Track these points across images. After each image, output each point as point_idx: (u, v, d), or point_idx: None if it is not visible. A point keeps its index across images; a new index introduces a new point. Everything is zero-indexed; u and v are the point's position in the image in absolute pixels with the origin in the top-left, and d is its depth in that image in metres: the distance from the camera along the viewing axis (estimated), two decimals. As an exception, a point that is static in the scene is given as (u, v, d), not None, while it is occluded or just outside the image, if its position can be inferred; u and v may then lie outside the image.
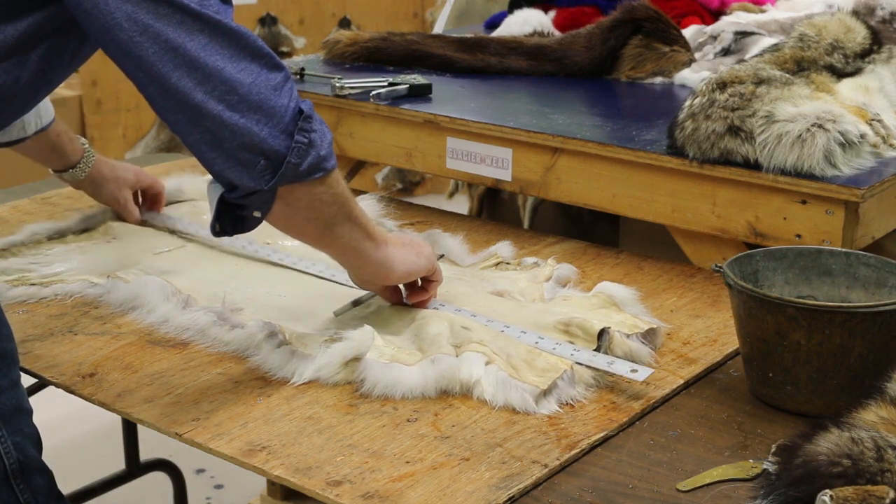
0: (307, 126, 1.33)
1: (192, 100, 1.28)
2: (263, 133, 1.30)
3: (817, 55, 1.92)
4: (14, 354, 1.43)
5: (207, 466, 3.03)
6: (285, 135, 1.32)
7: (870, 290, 1.47)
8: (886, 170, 1.73)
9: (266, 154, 1.31)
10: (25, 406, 1.44)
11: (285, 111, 1.31)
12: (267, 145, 1.31)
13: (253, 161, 1.31)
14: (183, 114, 1.30)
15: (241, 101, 1.29)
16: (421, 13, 5.17)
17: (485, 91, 2.27)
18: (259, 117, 1.30)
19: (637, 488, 1.25)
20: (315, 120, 1.34)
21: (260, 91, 1.30)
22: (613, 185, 1.89)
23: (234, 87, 1.29)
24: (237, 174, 1.33)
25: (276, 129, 1.31)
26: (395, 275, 1.54)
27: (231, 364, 1.52)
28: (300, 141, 1.32)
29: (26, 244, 1.90)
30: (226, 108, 1.28)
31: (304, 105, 1.34)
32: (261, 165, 1.32)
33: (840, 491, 1.09)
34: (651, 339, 1.54)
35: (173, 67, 1.27)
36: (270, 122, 1.30)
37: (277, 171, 1.32)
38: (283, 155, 1.32)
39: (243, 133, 1.29)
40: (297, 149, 1.32)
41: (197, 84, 1.27)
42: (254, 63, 1.30)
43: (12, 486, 1.40)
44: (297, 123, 1.32)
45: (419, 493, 1.23)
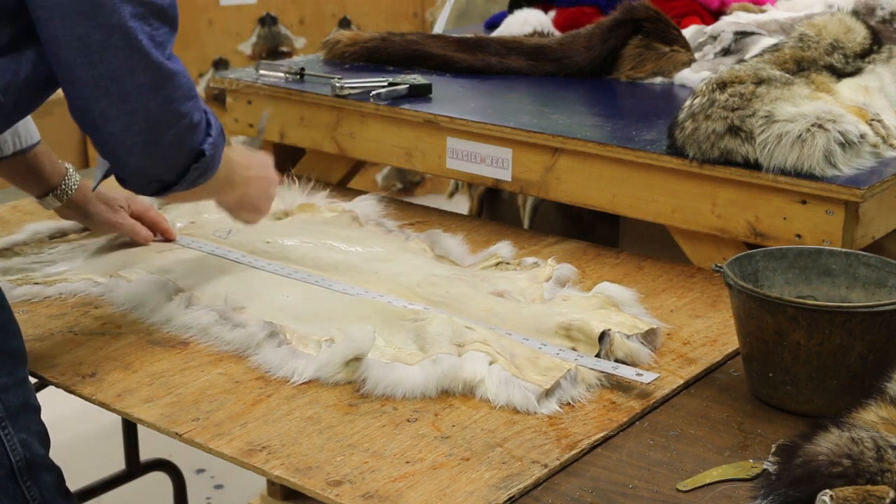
0: (202, 165, 1.45)
1: (109, 131, 1.37)
2: (166, 167, 1.43)
3: (817, 55, 1.92)
4: (22, 352, 1.43)
5: (207, 466, 3.03)
6: (184, 170, 1.44)
7: (870, 290, 1.47)
8: (886, 170, 1.72)
9: (161, 181, 1.45)
10: (33, 403, 1.44)
11: (192, 153, 1.43)
12: (165, 176, 1.44)
13: (148, 182, 1.45)
14: (94, 136, 1.41)
15: (155, 142, 1.39)
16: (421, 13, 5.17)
17: (485, 91, 2.27)
18: (167, 156, 1.41)
19: (637, 488, 1.25)
20: (217, 148, 1.46)
21: (177, 134, 1.40)
22: (613, 185, 1.89)
23: (153, 125, 1.37)
24: (131, 185, 1.46)
25: (177, 167, 1.43)
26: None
27: (231, 364, 1.52)
28: (193, 176, 1.46)
29: (28, 243, 1.90)
30: (138, 141, 1.37)
31: (207, 144, 1.44)
32: (153, 187, 1.46)
33: (840, 491, 1.09)
34: (651, 339, 1.54)
35: (104, 95, 1.34)
36: (176, 165, 1.43)
37: (166, 191, 1.46)
38: (173, 184, 1.45)
39: (146, 167, 1.42)
40: (190, 178, 1.46)
41: (120, 115, 1.35)
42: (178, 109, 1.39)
43: (19, 484, 1.40)
44: (195, 162, 1.44)
45: (419, 493, 1.23)
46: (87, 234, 1.94)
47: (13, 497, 1.40)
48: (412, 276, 1.72)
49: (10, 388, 1.39)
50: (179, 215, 2.00)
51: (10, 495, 1.39)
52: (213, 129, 1.46)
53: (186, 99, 1.39)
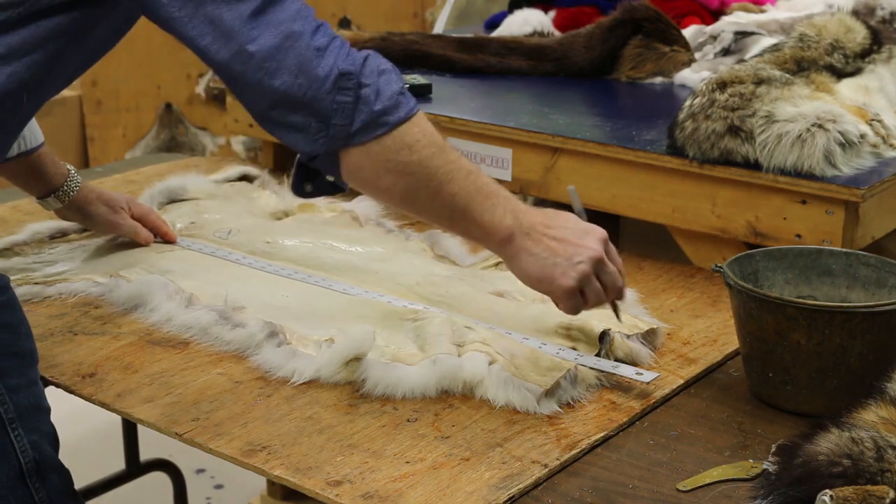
0: (348, 84, 1.30)
1: (233, 72, 1.30)
2: (307, 97, 1.29)
3: (817, 55, 1.92)
4: (33, 353, 1.43)
5: (207, 466, 3.03)
6: (329, 96, 1.29)
7: (870, 290, 1.47)
8: (886, 170, 1.73)
9: (315, 116, 1.30)
10: (44, 404, 1.43)
11: (328, 73, 1.29)
12: (312, 108, 1.30)
13: (305, 124, 1.31)
14: (232, 83, 1.33)
15: (280, 69, 1.29)
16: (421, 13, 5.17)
17: (485, 91, 2.27)
18: (300, 81, 1.29)
19: (637, 488, 1.25)
20: (364, 74, 1.30)
21: (300, 54, 1.29)
22: (613, 185, 1.89)
23: (273, 55, 1.28)
24: (292, 138, 1.33)
25: (319, 92, 1.29)
26: (522, 280, 1.41)
27: (231, 364, 1.52)
28: (343, 101, 1.30)
29: (28, 243, 1.90)
30: (265, 77, 1.29)
31: (346, 63, 1.30)
32: (312, 128, 1.31)
33: (840, 491, 1.09)
34: (651, 339, 1.54)
35: (212, 40, 1.28)
36: (313, 86, 1.29)
37: (328, 133, 1.31)
38: (328, 117, 1.30)
39: (287, 98, 1.29)
40: (342, 109, 1.30)
41: (233, 55, 1.28)
42: (295, 26, 1.29)
43: (28, 485, 1.40)
44: (337, 83, 1.29)
45: (419, 493, 1.23)
46: (87, 235, 1.94)
47: (22, 499, 1.39)
48: (412, 276, 1.72)
49: (21, 389, 1.39)
50: (179, 216, 2.00)
51: (19, 497, 1.39)
52: (359, 55, 1.32)
53: (296, 18, 1.29)
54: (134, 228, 1.84)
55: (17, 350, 1.40)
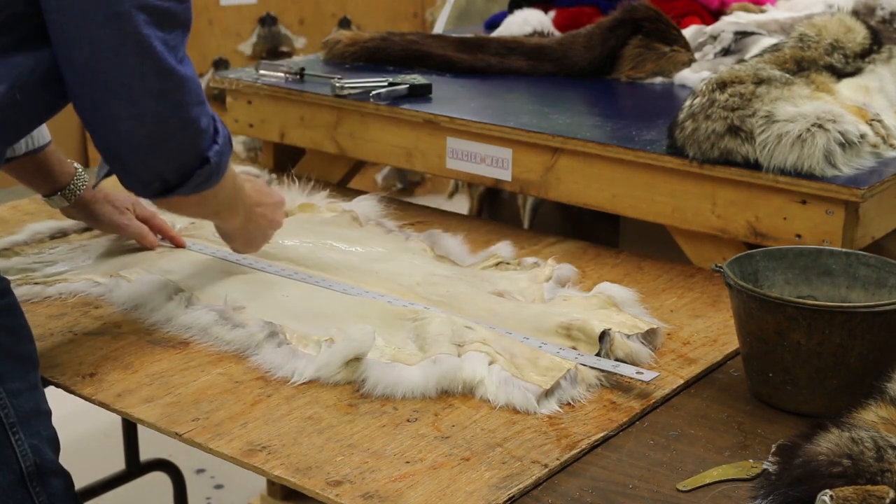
0: (206, 171, 1.43)
1: (115, 130, 1.37)
2: (170, 169, 1.41)
3: (817, 55, 1.92)
4: (34, 357, 1.43)
5: (207, 466, 3.03)
6: (189, 173, 1.42)
7: (870, 290, 1.47)
8: (886, 170, 1.72)
9: (163, 181, 1.42)
10: (44, 408, 1.43)
11: (198, 159, 1.42)
12: (168, 177, 1.42)
13: (150, 182, 1.42)
14: (98, 135, 1.40)
15: (161, 144, 1.38)
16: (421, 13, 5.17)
17: (485, 91, 2.27)
18: (172, 158, 1.40)
19: (637, 488, 1.25)
20: (223, 157, 1.45)
21: (184, 137, 1.39)
22: (613, 185, 1.89)
23: (161, 128, 1.37)
24: (132, 184, 1.45)
25: (182, 169, 1.42)
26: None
27: (231, 364, 1.52)
28: (196, 182, 1.44)
29: (29, 243, 1.90)
30: (144, 142, 1.37)
31: (213, 152, 1.43)
32: (156, 187, 1.43)
33: (840, 491, 1.09)
34: (651, 339, 1.54)
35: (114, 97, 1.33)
36: (181, 167, 1.41)
37: (167, 193, 1.44)
38: (175, 186, 1.43)
39: (150, 167, 1.40)
40: (194, 182, 1.43)
41: (128, 117, 1.34)
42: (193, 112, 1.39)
43: (28, 489, 1.39)
44: (200, 167, 1.42)
45: (419, 493, 1.23)
46: (87, 235, 1.94)
47: (22, 503, 1.39)
48: (412, 276, 1.73)
49: (22, 393, 1.39)
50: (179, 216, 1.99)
51: (20, 501, 1.39)
52: (221, 136, 1.45)
53: (195, 104, 1.38)
54: (140, 231, 1.85)
55: (17, 354, 1.39)
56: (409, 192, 5.08)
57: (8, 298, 1.39)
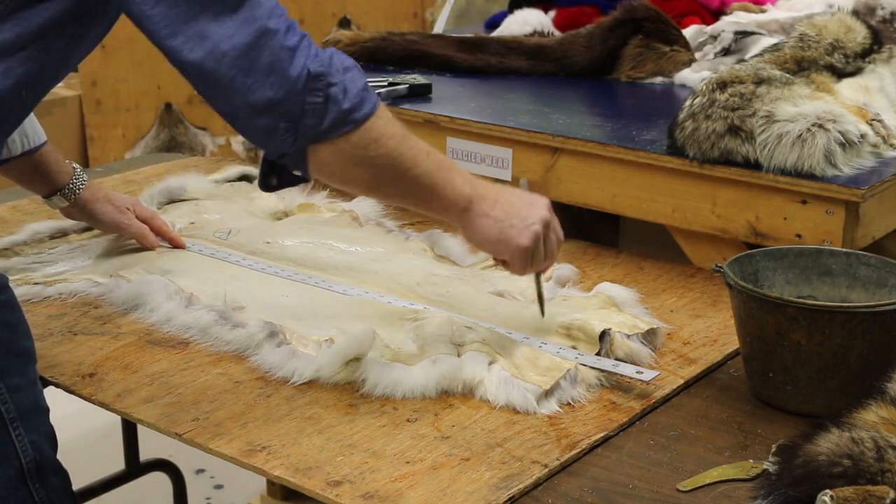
0: (318, 85, 1.30)
1: (204, 71, 1.29)
2: (278, 96, 1.29)
3: (817, 55, 1.92)
4: (32, 353, 1.43)
5: (207, 466, 3.03)
6: (300, 96, 1.30)
7: (870, 290, 1.47)
8: (887, 170, 1.73)
9: (284, 116, 1.31)
10: (42, 405, 1.43)
11: (300, 73, 1.30)
12: (283, 108, 1.30)
13: (273, 125, 1.31)
14: (201, 84, 1.31)
15: (253, 67, 1.28)
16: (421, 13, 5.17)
17: (485, 91, 2.27)
18: (272, 80, 1.29)
19: (637, 488, 1.25)
20: (332, 74, 1.31)
21: (273, 54, 1.29)
22: (613, 185, 1.89)
23: (246, 53, 1.28)
24: (260, 139, 1.34)
25: (290, 92, 1.29)
26: (478, 244, 1.47)
27: (231, 364, 1.52)
28: (313, 102, 1.31)
29: (28, 243, 1.90)
30: (238, 74, 1.28)
31: (315, 64, 1.31)
32: (281, 128, 1.31)
33: (840, 491, 1.09)
34: (651, 339, 1.54)
35: (185, 40, 1.27)
36: (285, 85, 1.29)
37: (298, 132, 1.32)
38: (299, 117, 1.31)
39: (258, 98, 1.29)
40: (312, 109, 1.31)
41: (207, 53, 1.27)
42: (270, 24, 1.29)
43: (28, 485, 1.39)
44: (308, 84, 1.30)
45: (419, 493, 1.23)
46: (87, 235, 1.94)
47: (22, 499, 1.39)
48: (412, 276, 1.72)
49: (21, 389, 1.39)
50: (179, 216, 2.00)
51: (20, 497, 1.39)
52: (327, 53, 1.33)
53: (271, 16, 1.29)
54: (141, 231, 1.83)
55: (17, 349, 1.39)
56: (409, 192, 5.07)
57: (6, 294, 1.39)
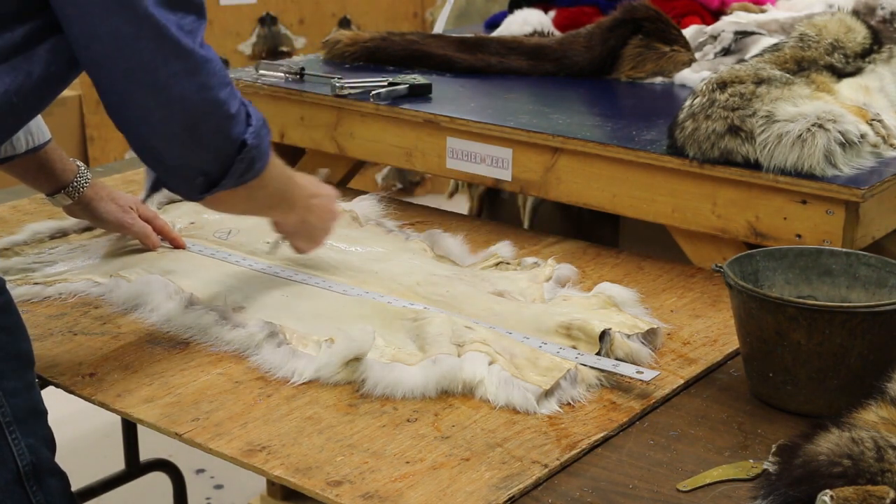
0: (246, 155, 1.41)
1: (148, 123, 1.35)
2: (209, 158, 1.39)
3: (817, 55, 1.92)
4: (30, 356, 1.42)
5: (207, 466, 3.03)
6: (229, 161, 1.40)
7: (870, 290, 1.47)
8: (887, 170, 1.72)
9: (206, 176, 1.41)
10: (41, 408, 1.43)
11: (235, 142, 1.39)
12: (208, 168, 1.40)
13: (192, 177, 1.41)
14: (134, 126, 1.37)
15: (195, 128, 1.36)
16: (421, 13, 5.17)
17: (485, 91, 2.27)
18: (209, 145, 1.38)
19: (637, 488, 1.25)
20: (261, 139, 1.42)
21: (217, 122, 1.37)
22: (613, 185, 1.89)
23: (191, 113, 1.35)
24: (177, 185, 1.45)
25: (222, 157, 1.40)
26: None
27: (231, 364, 1.52)
28: (238, 167, 1.41)
29: (28, 243, 1.90)
30: (182, 130, 1.35)
31: (250, 135, 1.40)
32: (198, 182, 1.41)
33: (840, 491, 1.09)
34: (651, 339, 1.54)
35: (139, 87, 1.32)
36: (220, 152, 1.39)
37: (213, 188, 1.42)
38: (219, 178, 1.41)
39: (189, 159, 1.39)
40: (235, 171, 1.41)
41: (157, 106, 1.33)
42: (217, 97, 1.36)
43: (25, 489, 1.39)
44: (239, 153, 1.40)
45: (419, 493, 1.23)
46: (87, 235, 1.94)
47: (19, 502, 1.39)
48: (412, 276, 1.72)
49: (19, 393, 1.38)
50: (179, 216, 2.00)
51: (17, 501, 1.39)
52: (254, 118, 1.42)
53: (222, 86, 1.36)
54: (143, 230, 1.84)
55: (14, 353, 1.39)
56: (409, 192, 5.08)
57: (4, 297, 1.39)
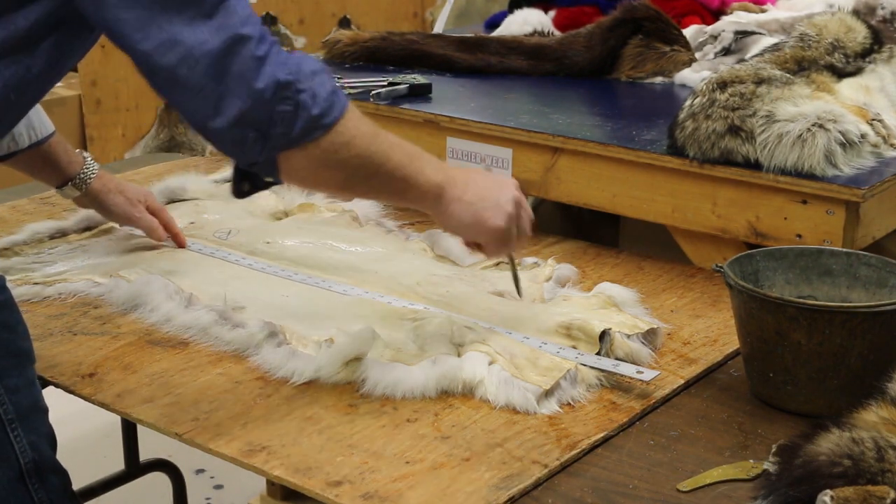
0: (287, 94, 1.28)
1: (176, 77, 1.26)
2: (247, 106, 1.27)
3: (818, 55, 1.92)
4: (30, 353, 1.42)
5: (207, 466, 3.03)
6: (269, 105, 1.28)
7: (870, 290, 1.47)
8: (887, 170, 1.72)
9: (253, 126, 1.28)
10: (42, 405, 1.43)
11: (269, 82, 1.27)
12: (251, 118, 1.27)
13: (242, 135, 1.29)
14: (170, 91, 1.29)
15: (223, 76, 1.26)
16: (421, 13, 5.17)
17: (485, 91, 2.27)
18: (241, 90, 1.27)
19: (637, 488, 1.25)
20: (301, 80, 1.29)
21: (243, 63, 1.26)
22: (613, 185, 1.89)
23: (218, 61, 1.25)
24: (229, 148, 1.32)
25: (258, 101, 1.27)
26: (453, 229, 1.48)
27: (231, 364, 1.52)
28: (283, 110, 1.28)
29: (28, 243, 1.90)
30: (209, 83, 1.26)
31: (283, 71, 1.28)
32: (250, 138, 1.29)
33: (841, 491, 1.09)
34: (651, 339, 1.54)
35: (158, 44, 1.25)
36: (253, 95, 1.27)
37: (267, 142, 1.30)
38: (268, 126, 1.29)
39: (227, 107, 1.27)
40: (282, 117, 1.29)
41: (180, 59, 1.25)
42: (243, 31, 1.27)
43: (27, 486, 1.39)
44: (277, 93, 1.28)
45: (419, 493, 1.23)
46: (87, 235, 1.94)
47: (21, 499, 1.39)
48: (412, 276, 1.72)
49: (20, 390, 1.39)
50: (179, 216, 1.99)
51: (19, 498, 1.39)
52: (294, 60, 1.30)
53: (245, 24, 1.26)
54: (150, 224, 1.84)
55: (15, 350, 1.39)
56: (409, 192, 5.07)
57: (4, 295, 1.39)
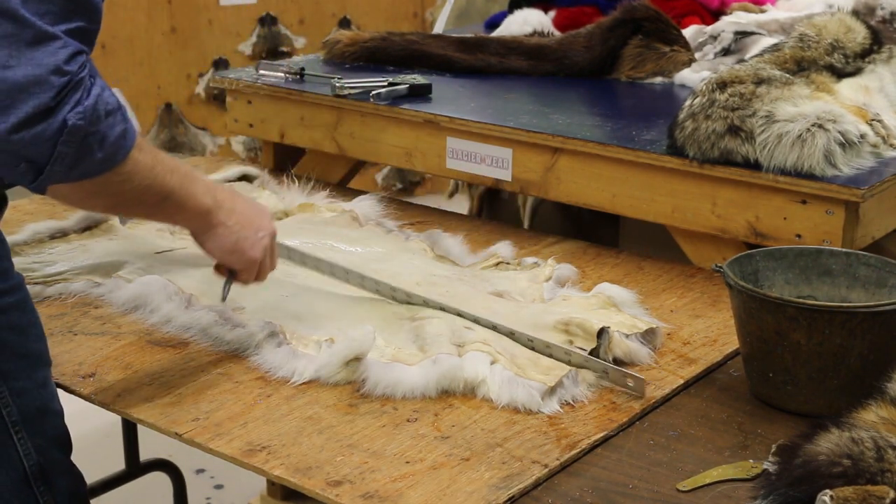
0: (73, 138, 1.21)
1: None
2: (26, 145, 1.20)
3: (817, 55, 1.92)
4: (43, 355, 1.42)
5: (207, 466, 3.03)
6: (49, 144, 1.21)
7: (870, 291, 1.47)
8: (886, 170, 1.72)
9: (26, 160, 1.22)
10: (53, 407, 1.42)
11: (49, 126, 1.20)
12: (26, 152, 1.21)
13: (14, 164, 1.22)
14: None
15: (8, 106, 1.18)
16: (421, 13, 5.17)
17: (485, 91, 2.27)
18: (17, 131, 1.18)
19: (637, 488, 1.25)
20: (91, 124, 1.22)
21: (27, 100, 1.18)
22: (613, 185, 1.89)
23: (7, 90, 1.18)
24: (5, 173, 1.26)
25: (37, 143, 1.20)
26: (211, 252, 1.50)
27: (231, 364, 1.52)
28: (63, 152, 1.22)
29: (28, 243, 1.90)
30: None
31: (75, 116, 1.21)
32: (21, 169, 1.23)
33: (840, 491, 1.09)
34: (651, 339, 1.54)
35: None
36: (34, 138, 1.20)
37: (40, 177, 1.23)
38: (44, 163, 1.22)
39: (4, 137, 1.19)
40: (62, 158, 1.22)
41: None
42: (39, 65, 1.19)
43: (32, 489, 1.39)
44: (61, 136, 1.21)
45: (419, 493, 1.23)
46: (87, 235, 1.94)
47: (26, 502, 1.39)
48: (412, 276, 1.72)
49: (27, 392, 1.38)
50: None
51: (24, 501, 1.39)
52: (89, 99, 1.22)
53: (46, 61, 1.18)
54: None
55: (24, 352, 1.39)
56: (409, 192, 5.08)
57: (17, 295, 1.38)
